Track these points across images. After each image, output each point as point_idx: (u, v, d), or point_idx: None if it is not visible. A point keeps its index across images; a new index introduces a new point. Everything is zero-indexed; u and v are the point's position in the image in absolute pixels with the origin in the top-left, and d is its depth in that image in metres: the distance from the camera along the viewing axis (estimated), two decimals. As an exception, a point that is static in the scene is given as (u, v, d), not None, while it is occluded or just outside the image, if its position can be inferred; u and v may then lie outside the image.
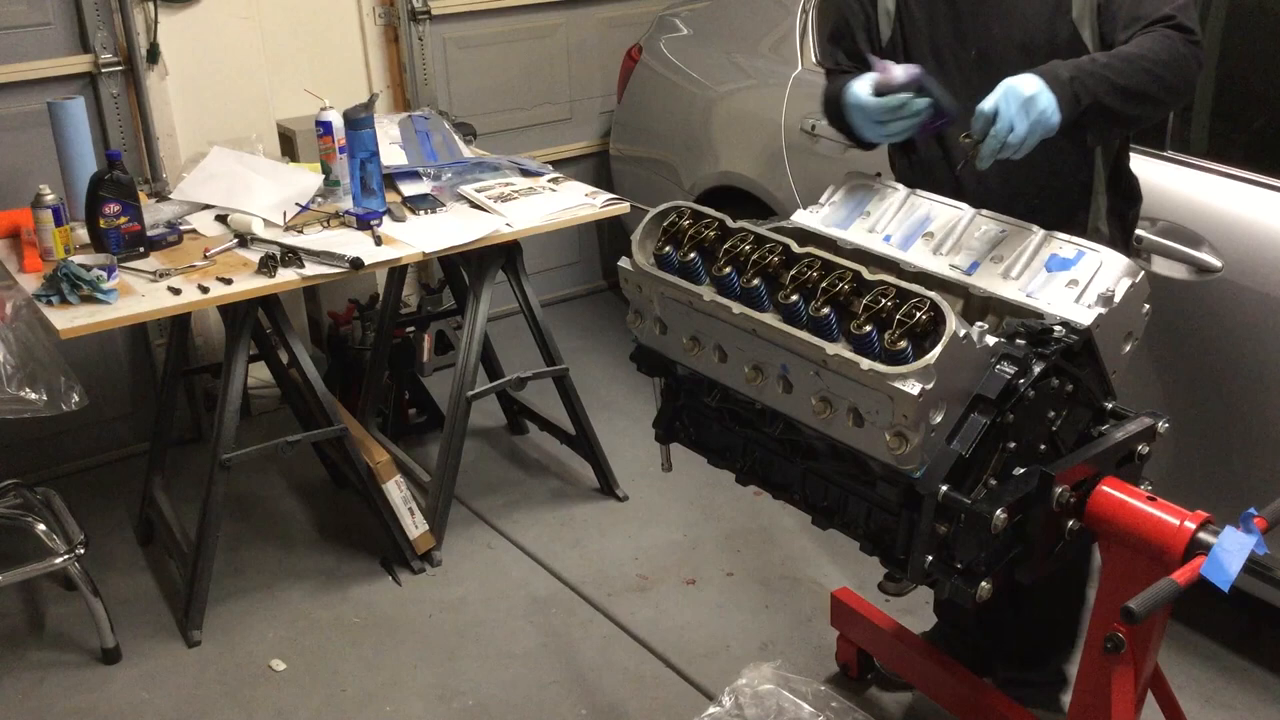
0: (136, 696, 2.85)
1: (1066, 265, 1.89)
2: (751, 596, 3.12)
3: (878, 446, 1.67)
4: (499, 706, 2.77)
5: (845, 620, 2.72)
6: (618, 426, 3.85)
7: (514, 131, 4.58)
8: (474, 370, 3.26)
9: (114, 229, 2.88)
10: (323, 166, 3.28)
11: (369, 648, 2.98)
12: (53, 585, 3.21)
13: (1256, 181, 2.52)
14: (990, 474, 1.73)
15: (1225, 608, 2.54)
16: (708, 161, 3.93)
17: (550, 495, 3.63)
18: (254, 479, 3.70)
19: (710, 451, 2.11)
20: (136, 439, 3.86)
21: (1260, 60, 2.68)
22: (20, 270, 2.89)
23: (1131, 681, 1.79)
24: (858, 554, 1.90)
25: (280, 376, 3.46)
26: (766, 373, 1.80)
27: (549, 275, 4.80)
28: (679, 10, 4.29)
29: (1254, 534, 1.59)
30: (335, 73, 4.14)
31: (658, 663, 2.89)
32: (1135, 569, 1.72)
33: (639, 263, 1.93)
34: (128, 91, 3.66)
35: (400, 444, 3.74)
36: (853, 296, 1.70)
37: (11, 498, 3.18)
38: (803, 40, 3.65)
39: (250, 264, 2.87)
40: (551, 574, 3.25)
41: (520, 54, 4.54)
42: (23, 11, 3.48)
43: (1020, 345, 1.74)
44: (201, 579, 3.00)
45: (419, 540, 3.25)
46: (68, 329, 2.59)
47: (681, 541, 3.37)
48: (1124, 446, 1.81)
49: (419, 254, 2.99)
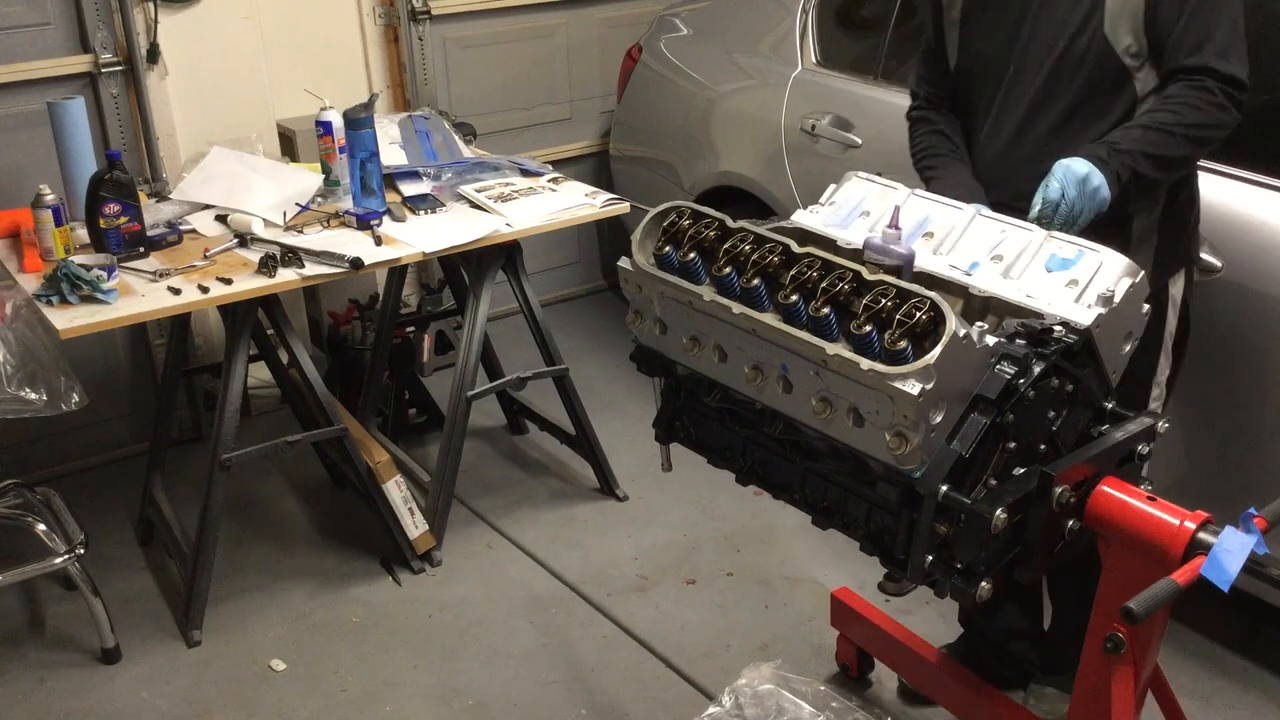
0: (136, 696, 2.85)
1: (1066, 265, 1.89)
2: (751, 596, 3.12)
3: (878, 446, 1.67)
4: (499, 706, 2.77)
5: (845, 620, 2.72)
6: (618, 426, 3.85)
7: (514, 131, 4.59)
8: (474, 370, 3.27)
9: (114, 229, 2.88)
10: (323, 166, 3.28)
11: (369, 648, 2.98)
12: (53, 585, 3.21)
13: (1256, 181, 2.53)
14: (990, 474, 1.73)
15: (1225, 608, 2.54)
16: (707, 161, 3.93)
17: (550, 495, 3.63)
18: (254, 479, 3.70)
19: (710, 451, 2.11)
20: (136, 439, 3.86)
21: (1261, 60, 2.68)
22: (20, 270, 2.89)
23: (1131, 681, 1.79)
24: (858, 554, 1.90)
25: (280, 376, 3.47)
26: (766, 373, 1.80)
27: (549, 275, 4.81)
28: (679, 10, 4.29)
29: (1254, 534, 1.59)
30: (335, 73, 4.14)
31: (658, 663, 2.89)
32: (1135, 569, 1.72)
33: (639, 263, 1.93)
34: (128, 91, 3.66)
35: (400, 444, 3.74)
36: (853, 296, 1.69)
37: (11, 498, 3.18)
38: (803, 40, 3.65)
39: (250, 264, 2.87)
40: (551, 574, 3.25)
41: (520, 54, 4.54)
42: (23, 11, 3.48)
43: (1020, 345, 1.74)
44: (201, 579, 3.00)
45: (419, 540, 3.25)
46: (68, 329, 2.59)
47: (681, 541, 3.37)
48: (1124, 446, 1.81)
49: (419, 254, 2.99)
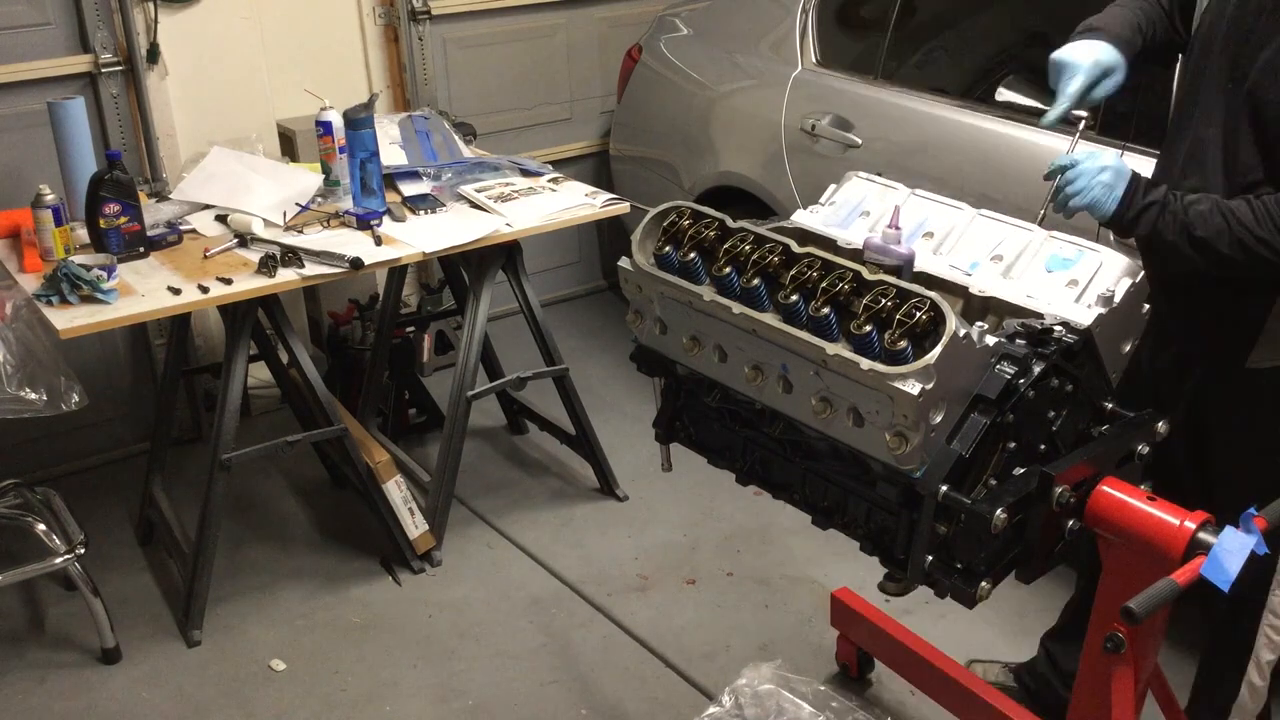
0: (136, 696, 2.85)
1: (1066, 265, 1.89)
2: (751, 596, 3.12)
3: (878, 446, 1.67)
4: (499, 706, 2.77)
5: (845, 620, 2.72)
6: (618, 426, 3.85)
7: (514, 131, 4.58)
8: (474, 370, 3.26)
9: (114, 229, 2.88)
10: (323, 166, 3.28)
11: (369, 648, 2.98)
12: (53, 585, 3.21)
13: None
14: (990, 474, 1.73)
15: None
16: (707, 161, 3.93)
17: (550, 495, 3.63)
18: (254, 479, 3.70)
19: (710, 451, 2.11)
20: (136, 439, 3.86)
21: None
22: (20, 270, 2.89)
23: (1131, 681, 1.79)
24: (858, 554, 1.90)
25: (280, 376, 3.46)
26: (766, 373, 1.80)
27: (549, 275, 4.81)
28: (679, 10, 4.29)
29: (1254, 534, 1.59)
30: (335, 73, 4.14)
31: (658, 663, 2.89)
32: (1135, 569, 1.72)
33: (639, 263, 1.93)
34: (128, 91, 3.66)
35: (400, 444, 3.74)
36: (853, 296, 1.69)
37: (11, 498, 3.18)
38: (803, 40, 3.65)
39: (250, 264, 2.87)
40: (551, 574, 3.25)
41: (520, 54, 4.54)
42: (23, 11, 3.48)
43: (1020, 345, 1.74)
44: (201, 579, 3.00)
45: (419, 540, 3.25)
46: (68, 329, 2.59)
47: (681, 541, 3.37)
48: (1124, 446, 1.81)
49: (419, 254, 2.99)
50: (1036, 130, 2.89)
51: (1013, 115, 2.98)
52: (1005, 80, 3.10)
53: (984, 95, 3.12)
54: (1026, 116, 2.93)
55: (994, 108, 3.05)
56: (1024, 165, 2.88)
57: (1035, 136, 2.86)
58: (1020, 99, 3.01)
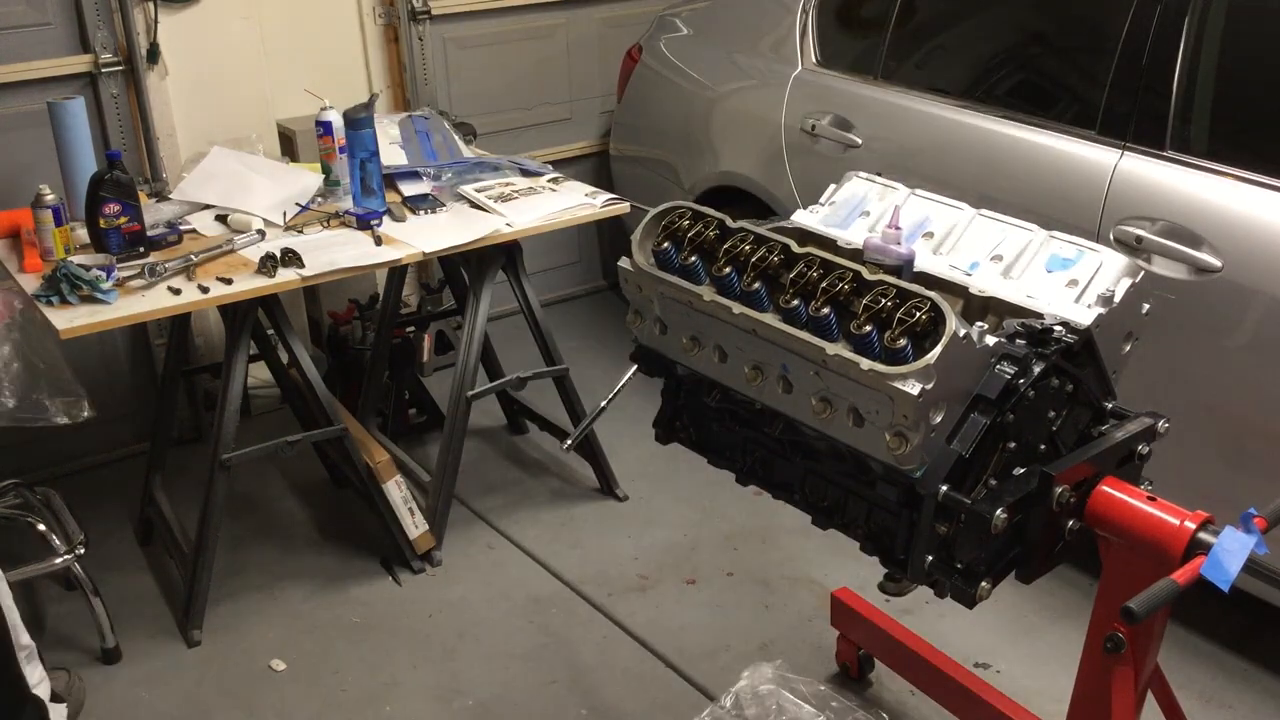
0: (136, 696, 2.85)
1: (1066, 265, 1.89)
2: (751, 596, 3.12)
3: (878, 446, 1.67)
4: (499, 706, 2.77)
5: (845, 620, 2.72)
6: (618, 427, 3.84)
7: (514, 131, 4.58)
8: (474, 370, 3.26)
9: (114, 229, 2.88)
10: (323, 166, 3.28)
11: (369, 648, 2.98)
12: (53, 585, 3.21)
13: (1256, 181, 2.52)
14: (990, 474, 1.73)
15: (1225, 608, 2.54)
16: (708, 161, 3.93)
17: (550, 495, 3.63)
18: (254, 479, 3.70)
19: (710, 451, 2.11)
20: (136, 439, 3.86)
21: (1260, 60, 2.68)
22: (20, 270, 2.89)
23: (1131, 681, 1.79)
24: (858, 554, 1.90)
25: (280, 376, 3.46)
26: (766, 373, 1.80)
27: (549, 275, 4.80)
28: (679, 10, 4.29)
29: (1254, 534, 1.59)
30: (335, 73, 4.14)
31: (658, 663, 2.89)
32: (1135, 569, 1.72)
33: (639, 263, 1.93)
34: (128, 91, 3.66)
35: (400, 444, 3.74)
36: (853, 296, 1.70)
37: (11, 497, 3.17)
38: (803, 40, 3.65)
39: (250, 264, 2.87)
40: (551, 574, 3.25)
41: (520, 54, 4.54)
42: (23, 11, 3.48)
43: (1020, 345, 1.74)
44: (201, 579, 3.00)
45: (419, 540, 3.25)
46: (68, 329, 2.59)
47: (681, 541, 3.37)
48: (1124, 446, 1.81)
49: (419, 254, 2.99)
50: (1036, 130, 2.89)
51: (1013, 115, 2.98)
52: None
53: (984, 95, 3.12)
54: (1026, 116, 2.93)
55: (994, 108, 3.05)
56: (1024, 165, 2.88)
57: (1035, 136, 2.86)
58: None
